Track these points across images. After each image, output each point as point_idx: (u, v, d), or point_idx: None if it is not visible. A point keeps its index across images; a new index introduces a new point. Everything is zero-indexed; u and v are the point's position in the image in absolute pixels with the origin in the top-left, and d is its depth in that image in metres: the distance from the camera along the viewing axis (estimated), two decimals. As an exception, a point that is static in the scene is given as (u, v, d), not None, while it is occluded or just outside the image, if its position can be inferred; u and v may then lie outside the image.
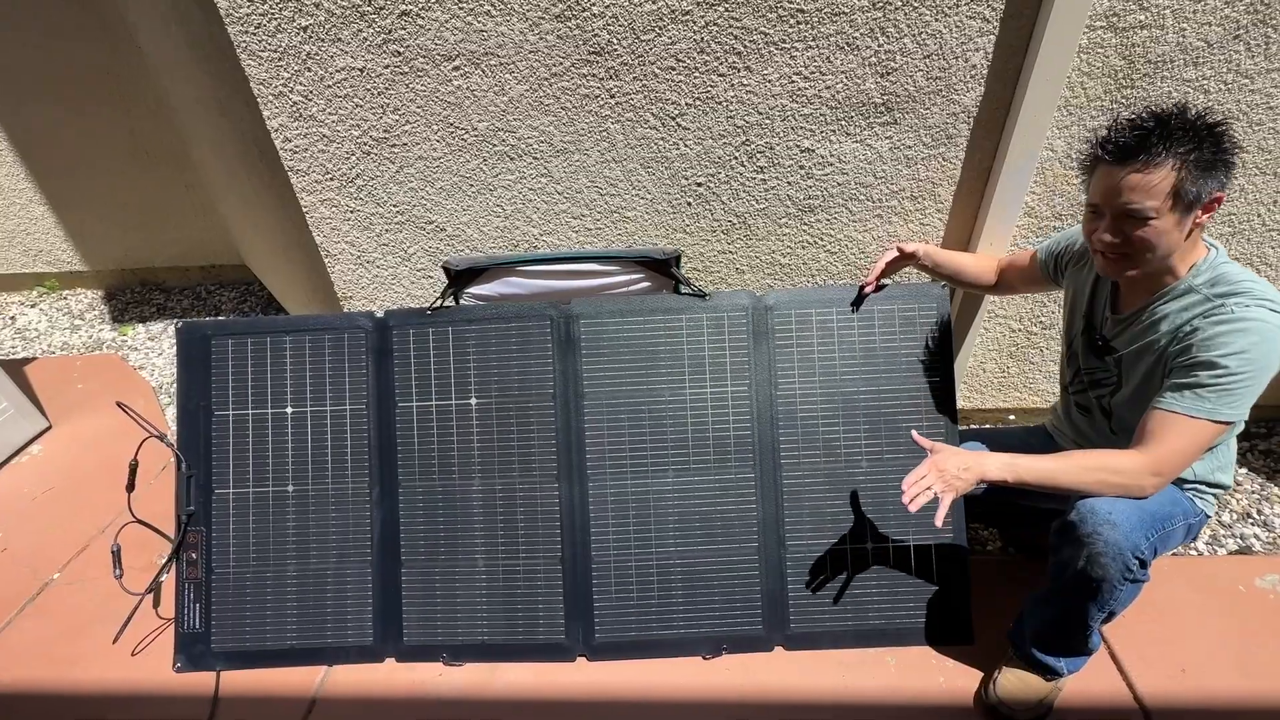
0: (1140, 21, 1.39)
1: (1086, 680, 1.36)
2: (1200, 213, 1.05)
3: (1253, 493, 1.84)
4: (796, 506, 1.49)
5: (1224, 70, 1.44)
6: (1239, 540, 1.72)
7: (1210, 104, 1.48)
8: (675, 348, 1.51)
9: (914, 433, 1.27)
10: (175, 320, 2.98)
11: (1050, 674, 1.31)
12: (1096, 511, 1.12)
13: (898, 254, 1.47)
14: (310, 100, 1.57)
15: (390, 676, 1.48)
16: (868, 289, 1.48)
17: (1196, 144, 1.00)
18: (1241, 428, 1.21)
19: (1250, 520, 1.77)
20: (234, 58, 1.53)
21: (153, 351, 2.78)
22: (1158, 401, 1.10)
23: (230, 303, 3.10)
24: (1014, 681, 1.32)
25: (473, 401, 1.53)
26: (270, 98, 1.57)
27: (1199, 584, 1.56)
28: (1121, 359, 1.23)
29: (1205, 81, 1.45)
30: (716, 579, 1.49)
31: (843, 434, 1.50)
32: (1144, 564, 1.14)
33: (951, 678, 1.41)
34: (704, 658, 1.47)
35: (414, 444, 1.53)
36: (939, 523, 1.09)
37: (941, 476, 1.12)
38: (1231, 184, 1.04)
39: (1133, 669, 1.39)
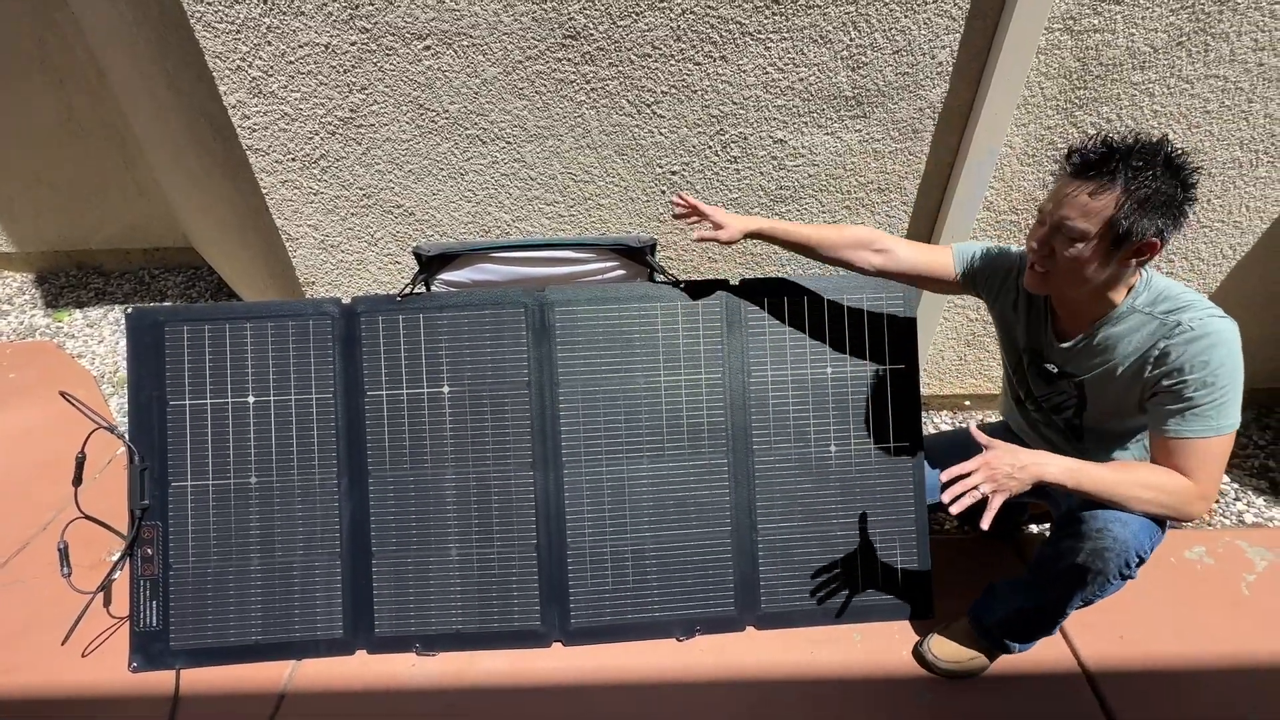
0: (1094, 25, 1.46)
1: (1035, 648, 1.44)
2: (1130, 256, 1.05)
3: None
4: (768, 491, 1.53)
5: (1167, 75, 1.53)
6: (1170, 516, 1.85)
7: (1156, 107, 1.57)
8: (650, 335, 1.52)
9: (972, 426, 1.16)
10: (118, 306, 2.83)
11: (1000, 651, 1.39)
12: (1109, 508, 1.14)
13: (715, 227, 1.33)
14: (271, 76, 1.50)
15: (362, 669, 1.46)
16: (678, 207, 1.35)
17: (1151, 180, 0.99)
18: None
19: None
20: (186, 28, 1.45)
21: (92, 339, 2.63)
22: (1166, 430, 1.10)
23: (176, 288, 2.95)
24: (950, 647, 1.40)
25: (445, 390, 1.50)
26: (227, 72, 1.49)
27: (1136, 557, 1.67)
28: (1083, 384, 1.24)
29: (1151, 85, 1.54)
30: (690, 563, 1.52)
31: (813, 420, 1.54)
32: (1141, 562, 1.17)
33: (914, 651, 1.47)
34: (678, 639, 1.50)
35: (384, 433, 1.50)
36: (985, 525, 1.03)
37: (992, 476, 1.05)
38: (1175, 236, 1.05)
39: (1076, 636, 1.49)
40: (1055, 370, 1.27)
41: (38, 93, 2.60)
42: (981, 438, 1.10)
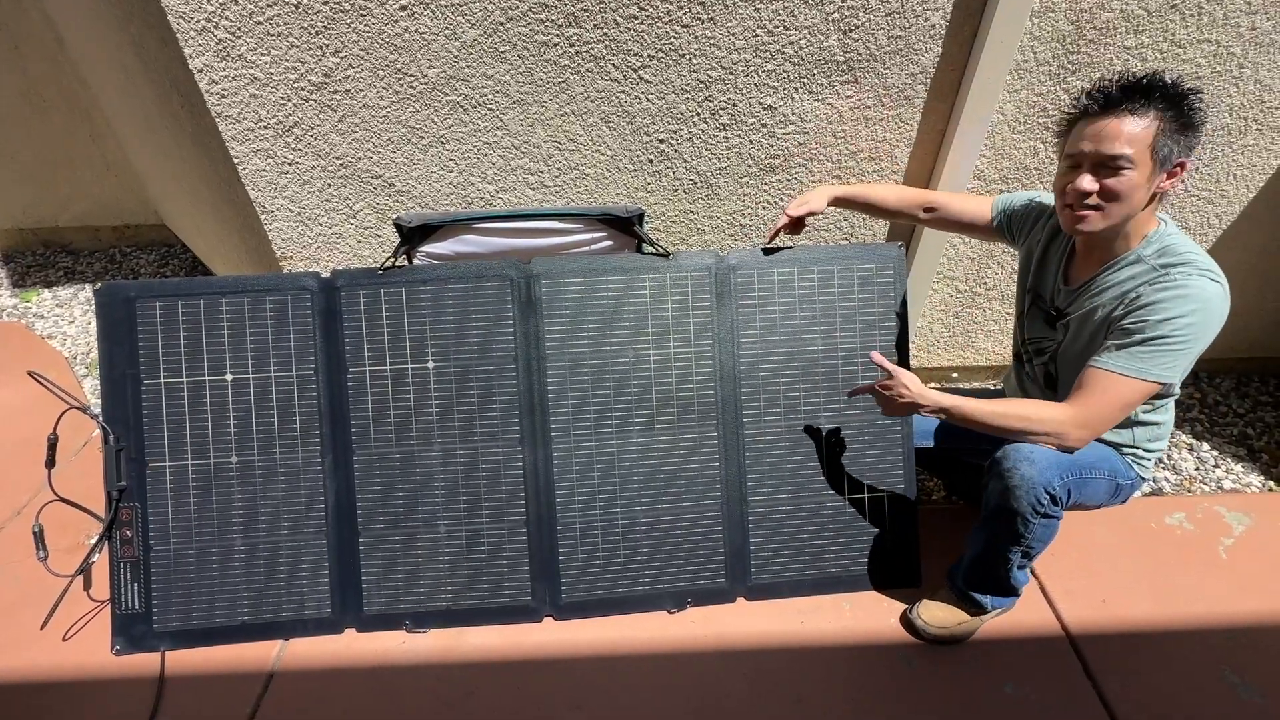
0: (1088, -13, 1.43)
1: (1018, 612, 1.47)
2: (1165, 177, 1.08)
3: (1164, 440, 2.00)
4: (758, 463, 1.53)
5: (1160, 39, 1.51)
6: (1152, 483, 1.88)
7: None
8: (639, 308, 1.50)
9: (874, 353, 1.32)
10: (89, 285, 2.74)
11: (975, 608, 1.41)
12: (1019, 449, 1.21)
13: (789, 220, 1.45)
14: (238, 38, 1.43)
15: (351, 647, 1.45)
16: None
17: (1174, 104, 1.04)
18: (1179, 394, 1.29)
19: (1161, 465, 1.94)
20: (147, -14, 1.37)
21: (62, 319, 2.55)
22: (1094, 359, 1.15)
23: (149, 266, 2.87)
24: (937, 612, 1.42)
25: (430, 365, 1.47)
26: (192, 34, 1.42)
27: (1116, 524, 1.70)
28: (1069, 324, 1.27)
29: (1143, 49, 1.52)
30: (681, 535, 1.52)
31: (802, 392, 1.53)
32: (1055, 500, 1.20)
33: (902, 619, 1.49)
34: (669, 612, 1.51)
35: (368, 410, 1.47)
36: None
37: (886, 402, 1.28)
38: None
39: (1059, 601, 1.51)
40: (1055, 313, 1.31)
41: (-7, 61, 2.48)
42: (883, 363, 1.29)
